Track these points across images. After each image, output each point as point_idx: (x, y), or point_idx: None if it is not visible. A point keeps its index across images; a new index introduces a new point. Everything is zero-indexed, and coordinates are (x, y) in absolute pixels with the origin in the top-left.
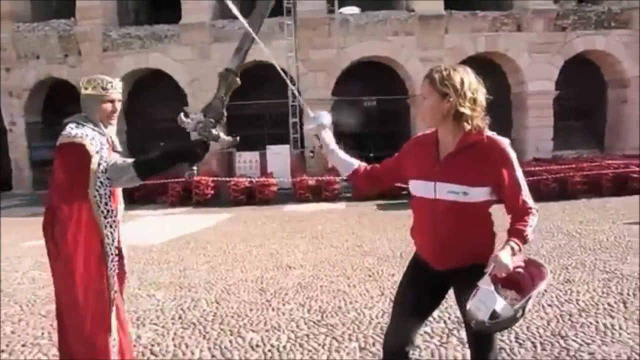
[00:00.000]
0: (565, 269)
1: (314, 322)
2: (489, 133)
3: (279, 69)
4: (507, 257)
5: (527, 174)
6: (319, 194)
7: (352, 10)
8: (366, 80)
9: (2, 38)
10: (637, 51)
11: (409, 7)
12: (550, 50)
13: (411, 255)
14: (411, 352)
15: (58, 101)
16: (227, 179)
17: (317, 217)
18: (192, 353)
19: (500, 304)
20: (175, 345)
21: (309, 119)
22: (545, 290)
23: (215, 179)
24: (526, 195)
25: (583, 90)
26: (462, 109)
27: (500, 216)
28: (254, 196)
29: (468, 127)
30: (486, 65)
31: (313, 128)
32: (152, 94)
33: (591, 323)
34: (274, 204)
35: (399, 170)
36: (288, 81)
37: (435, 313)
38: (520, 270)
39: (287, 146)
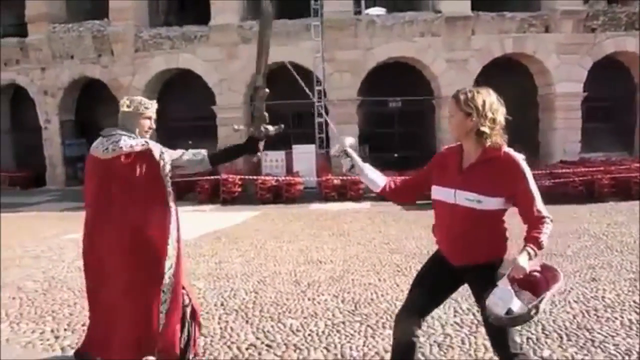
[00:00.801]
0: (592, 269)
1: (349, 312)
2: (506, 149)
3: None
4: (524, 260)
5: (553, 176)
6: (344, 193)
7: (378, 11)
8: (392, 80)
9: (38, 39)
10: None
11: (435, 8)
12: (579, 52)
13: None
14: (414, 329)
15: (91, 100)
16: (254, 177)
17: (343, 215)
18: (238, 335)
19: (516, 302)
20: (221, 329)
21: (338, 142)
22: (572, 288)
23: (242, 177)
24: (540, 205)
25: (612, 92)
26: (482, 128)
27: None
28: (280, 195)
29: (488, 143)
30: (513, 67)
31: (337, 150)
32: (180, 94)
33: (616, 318)
34: (299, 203)
35: (428, 180)
36: (307, 90)
37: (464, 305)
38: (537, 274)
39: (312, 146)
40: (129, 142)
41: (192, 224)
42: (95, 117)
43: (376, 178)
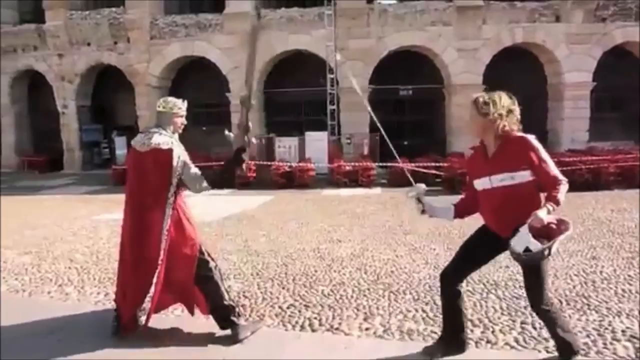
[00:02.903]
0: (593, 249)
1: (372, 281)
2: (517, 133)
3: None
4: (543, 214)
5: (561, 164)
6: (355, 179)
7: (390, 0)
8: (403, 69)
9: (56, 25)
10: None
11: None
12: (589, 42)
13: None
14: (458, 283)
15: (107, 86)
16: (268, 162)
17: (356, 200)
18: (277, 298)
19: (533, 243)
20: (261, 293)
21: (411, 188)
22: (573, 264)
23: (257, 162)
24: (554, 170)
25: (621, 82)
26: (498, 123)
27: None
28: (292, 180)
29: (499, 132)
30: (523, 56)
31: (413, 195)
32: (194, 80)
33: (611, 288)
34: (312, 188)
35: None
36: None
37: (475, 276)
38: (553, 226)
39: (325, 133)
40: (158, 140)
41: (213, 207)
42: (112, 103)
43: (447, 211)
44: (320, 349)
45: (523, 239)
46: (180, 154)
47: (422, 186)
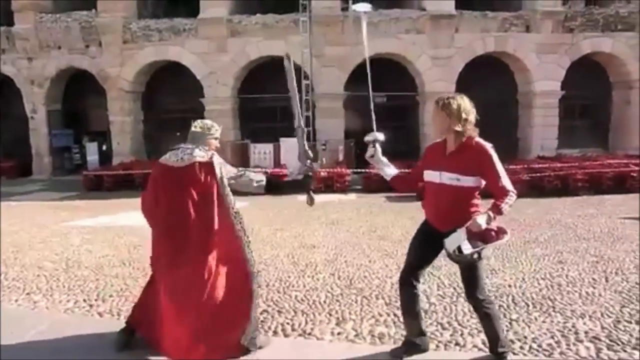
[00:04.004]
0: (559, 253)
1: (345, 286)
2: (477, 139)
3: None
4: (482, 219)
5: (530, 171)
6: (330, 185)
7: (364, 7)
8: (377, 76)
9: (25, 28)
10: None
11: (421, 6)
12: (557, 51)
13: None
14: (415, 284)
15: (78, 90)
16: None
17: (331, 206)
18: None
19: (466, 245)
20: None
21: (370, 133)
22: (540, 269)
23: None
24: (504, 181)
25: (589, 91)
26: (456, 128)
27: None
28: (268, 185)
29: (463, 138)
30: (494, 65)
31: (370, 140)
32: (168, 85)
33: (576, 291)
34: (287, 194)
35: (423, 170)
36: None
37: (446, 281)
38: (492, 232)
39: None
40: (202, 153)
41: None
42: (83, 107)
43: (388, 169)
44: (293, 354)
45: (456, 239)
46: (221, 163)
47: (380, 135)
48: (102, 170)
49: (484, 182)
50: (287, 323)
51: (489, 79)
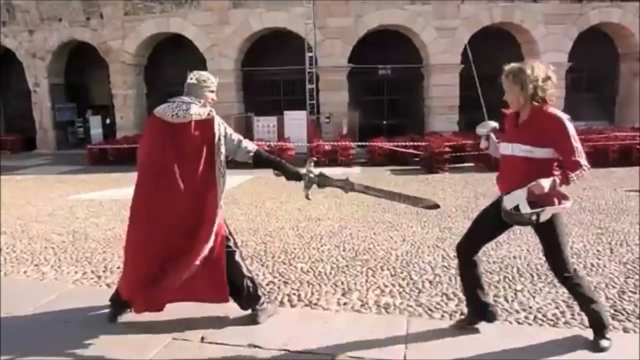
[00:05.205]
0: (564, 225)
1: (350, 258)
2: (551, 109)
3: None
4: (546, 182)
5: None
6: (335, 159)
7: None
8: (381, 48)
9: (26, 1)
10: None
11: None
12: (565, 22)
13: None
14: (475, 256)
15: (80, 63)
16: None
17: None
18: (257, 275)
19: (524, 205)
20: None
21: (483, 123)
22: None
23: None
24: (579, 156)
25: (596, 62)
26: (532, 92)
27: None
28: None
29: (536, 104)
30: (501, 36)
31: (486, 131)
32: (171, 58)
33: (580, 262)
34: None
35: None
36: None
37: (451, 253)
38: (554, 198)
39: (304, 112)
40: (199, 111)
41: None
42: (85, 81)
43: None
44: (299, 324)
45: (515, 197)
46: (220, 122)
47: (494, 123)
48: (106, 144)
49: None
50: (294, 294)
51: (495, 50)
